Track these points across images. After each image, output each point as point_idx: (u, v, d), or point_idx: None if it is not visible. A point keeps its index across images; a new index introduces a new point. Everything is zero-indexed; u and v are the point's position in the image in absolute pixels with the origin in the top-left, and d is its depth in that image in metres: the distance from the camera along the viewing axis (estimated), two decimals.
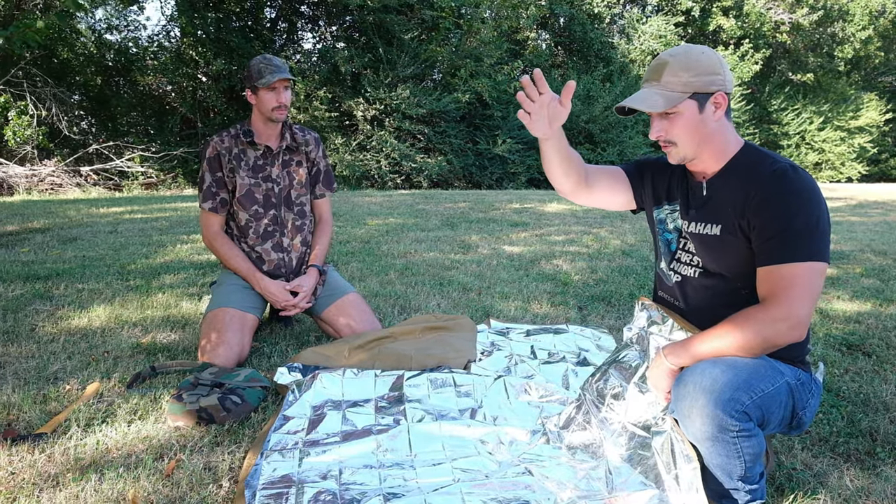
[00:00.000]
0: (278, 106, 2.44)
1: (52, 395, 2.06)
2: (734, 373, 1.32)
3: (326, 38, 14.87)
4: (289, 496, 1.50)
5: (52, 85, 11.46)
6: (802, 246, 1.33)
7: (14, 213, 6.49)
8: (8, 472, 1.60)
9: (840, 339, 2.70)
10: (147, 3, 13.12)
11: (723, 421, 1.29)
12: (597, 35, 16.66)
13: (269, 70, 2.41)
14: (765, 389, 1.34)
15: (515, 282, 3.70)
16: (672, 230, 1.61)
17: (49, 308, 3.02)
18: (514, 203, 8.04)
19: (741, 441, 1.31)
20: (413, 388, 2.09)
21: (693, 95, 1.41)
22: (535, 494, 1.52)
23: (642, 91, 1.46)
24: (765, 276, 1.37)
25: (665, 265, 1.63)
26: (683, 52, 1.43)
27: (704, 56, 1.42)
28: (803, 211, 1.33)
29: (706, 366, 1.35)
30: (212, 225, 2.55)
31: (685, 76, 1.40)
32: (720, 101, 1.42)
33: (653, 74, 1.45)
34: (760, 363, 1.37)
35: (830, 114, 19.82)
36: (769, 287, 1.36)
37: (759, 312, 1.34)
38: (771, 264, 1.36)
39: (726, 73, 1.43)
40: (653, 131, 1.48)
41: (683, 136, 1.45)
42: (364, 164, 12.38)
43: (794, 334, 1.32)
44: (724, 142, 1.47)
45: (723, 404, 1.29)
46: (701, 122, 1.43)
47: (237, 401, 1.94)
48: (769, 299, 1.35)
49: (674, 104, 1.41)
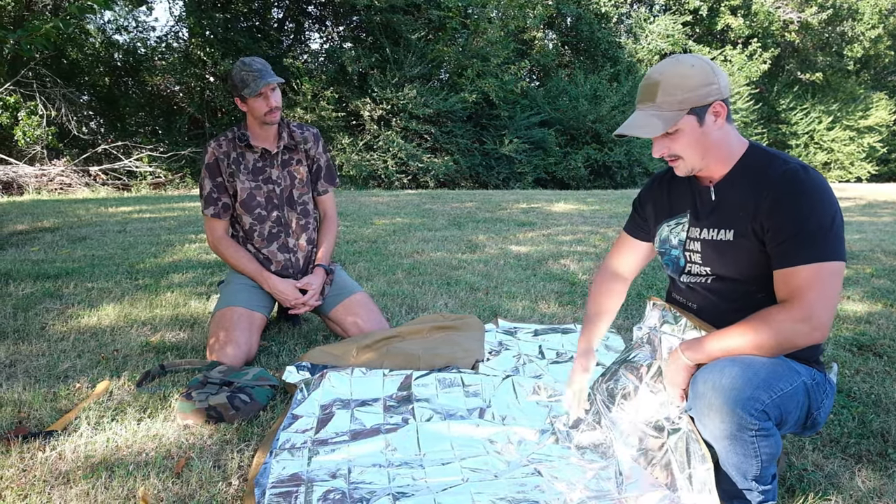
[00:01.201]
0: (269, 110, 2.39)
1: (63, 393, 2.07)
2: (753, 371, 1.31)
3: (333, 39, 14.90)
4: (298, 494, 1.50)
5: (62, 85, 11.54)
6: (818, 246, 1.31)
7: (24, 212, 6.53)
8: (19, 469, 1.61)
9: (851, 339, 2.68)
10: (156, 3, 13.18)
11: (742, 419, 1.28)
12: (604, 35, 16.62)
13: (251, 77, 2.34)
14: (783, 389, 1.33)
15: (523, 281, 3.69)
16: (676, 245, 1.59)
17: (59, 307, 3.04)
18: (522, 203, 8.02)
19: (759, 440, 1.30)
20: (421, 388, 2.09)
21: (691, 111, 1.39)
22: (544, 494, 1.52)
23: (638, 115, 1.44)
24: (782, 278, 1.36)
25: (676, 279, 1.62)
26: (673, 67, 1.40)
27: (695, 68, 1.38)
28: (816, 211, 1.32)
29: (725, 364, 1.33)
30: (216, 230, 2.54)
31: (680, 94, 1.38)
32: (719, 110, 1.40)
33: (646, 95, 1.42)
34: (778, 362, 1.36)
35: (839, 113, 19.70)
36: (788, 290, 1.34)
37: (780, 313, 1.33)
38: (787, 266, 1.34)
39: (720, 79, 1.40)
40: (655, 150, 1.47)
41: (688, 150, 1.43)
42: (371, 164, 12.39)
43: (816, 335, 1.31)
44: (728, 147, 1.46)
45: (742, 402, 1.28)
46: (703, 135, 1.41)
47: (246, 399, 1.94)
48: (789, 301, 1.33)
49: (673, 124, 1.39)
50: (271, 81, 2.35)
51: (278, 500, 1.47)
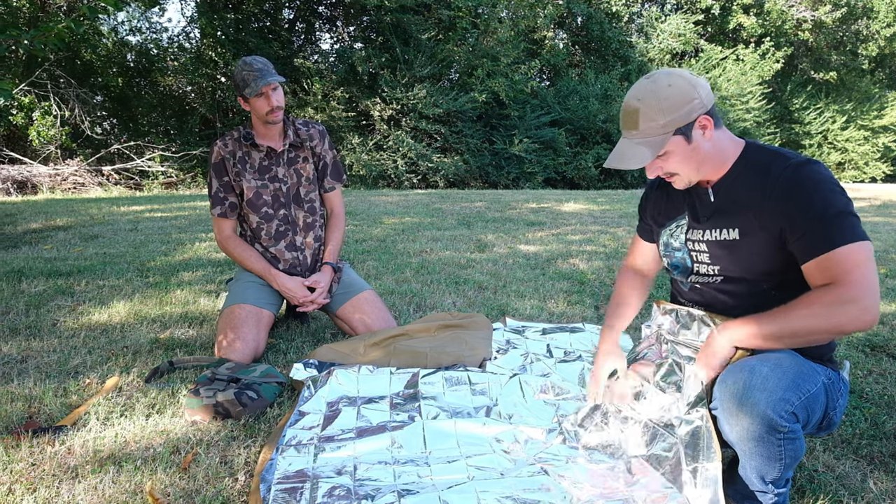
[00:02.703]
0: (271, 110, 2.39)
1: (73, 389, 2.09)
2: (783, 371, 1.28)
3: (344, 39, 14.94)
4: (303, 490, 1.50)
5: (76, 86, 11.66)
6: (844, 229, 1.27)
7: (38, 211, 6.60)
8: (29, 463, 1.62)
9: (864, 339, 2.64)
10: (168, 4, 13.28)
11: (772, 421, 1.24)
12: (615, 34, 16.54)
13: (252, 77, 2.34)
14: (810, 390, 1.30)
15: (531, 281, 3.68)
16: (679, 247, 1.58)
17: (70, 304, 3.06)
18: (531, 202, 8.00)
19: (786, 444, 1.27)
20: (428, 386, 2.09)
21: (677, 131, 1.37)
22: (550, 494, 1.51)
23: (624, 144, 1.42)
24: (816, 268, 1.30)
25: (683, 282, 1.61)
26: (651, 92, 1.37)
27: (673, 88, 1.36)
28: (831, 199, 1.30)
29: (754, 363, 1.30)
30: (224, 229, 2.55)
31: (661, 118, 1.36)
32: (705, 124, 1.38)
33: (629, 123, 1.41)
34: (802, 362, 1.34)
35: (854, 113, 19.48)
36: (825, 276, 1.28)
37: (826, 295, 1.26)
38: (818, 255, 1.28)
39: (701, 91, 1.37)
40: (650, 172, 1.45)
41: (681, 167, 1.42)
42: (381, 164, 12.41)
43: (866, 319, 1.23)
44: (722, 153, 1.44)
45: (773, 404, 1.24)
46: (693, 150, 1.40)
47: (253, 396, 1.95)
48: (832, 285, 1.26)
49: (661, 147, 1.37)
50: (272, 81, 2.34)
51: (283, 497, 1.48)
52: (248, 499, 1.51)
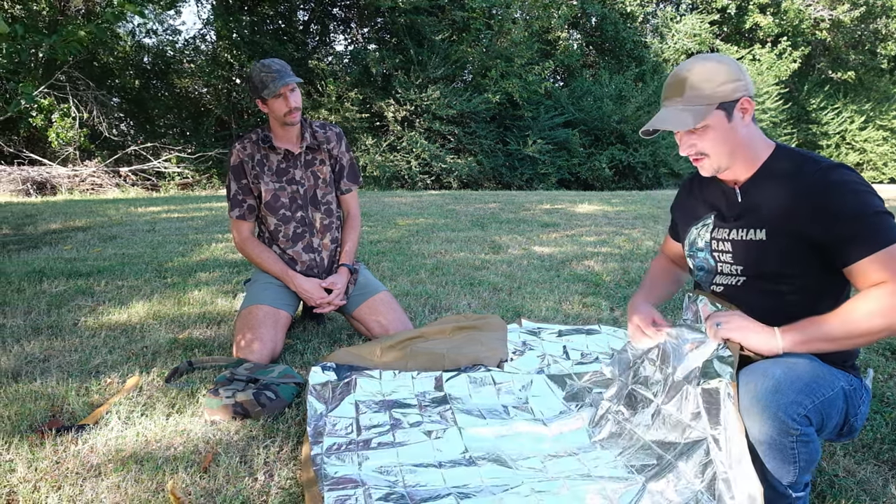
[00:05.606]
0: (289, 111, 2.40)
1: (94, 388, 2.12)
2: (796, 375, 1.28)
3: (358, 40, 15.01)
4: (357, 497, 1.47)
5: (94, 88, 11.82)
6: (888, 228, 1.28)
7: (57, 212, 6.70)
8: (53, 461, 1.65)
9: (885, 344, 2.61)
10: (184, 6, 13.41)
11: (784, 424, 1.24)
12: (629, 34, 16.47)
13: (270, 78, 2.35)
14: (825, 394, 1.30)
15: (546, 282, 3.67)
16: (703, 247, 1.58)
17: (91, 304, 3.11)
18: (545, 204, 7.99)
19: (799, 446, 1.27)
20: (454, 388, 2.10)
21: (720, 106, 1.39)
22: (589, 491, 1.49)
23: (666, 110, 1.43)
24: (868, 267, 1.29)
25: (706, 284, 1.60)
26: (700, 64, 1.41)
27: (723, 64, 1.40)
28: (868, 200, 1.30)
29: (767, 366, 1.31)
30: (242, 231, 2.58)
31: (709, 88, 1.38)
32: (747, 107, 1.40)
33: (674, 91, 1.42)
34: (818, 366, 1.33)
35: (872, 113, 19.22)
36: (880, 275, 1.27)
37: (884, 291, 1.25)
38: (870, 254, 1.28)
39: (746, 77, 1.41)
40: (682, 148, 1.46)
41: (716, 147, 1.42)
42: (394, 165, 12.45)
43: None
44: (754, 147, 1.44)
45: (785, 407, 1.24)
46: (731, 131, 1.41)
47: (271, 396, 1.97)
48: (888, 283, 1.26)
49: (703, 118, 1.38)
50: (290, 82, 2.36)
51: (340, 499, 1.45)
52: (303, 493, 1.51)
